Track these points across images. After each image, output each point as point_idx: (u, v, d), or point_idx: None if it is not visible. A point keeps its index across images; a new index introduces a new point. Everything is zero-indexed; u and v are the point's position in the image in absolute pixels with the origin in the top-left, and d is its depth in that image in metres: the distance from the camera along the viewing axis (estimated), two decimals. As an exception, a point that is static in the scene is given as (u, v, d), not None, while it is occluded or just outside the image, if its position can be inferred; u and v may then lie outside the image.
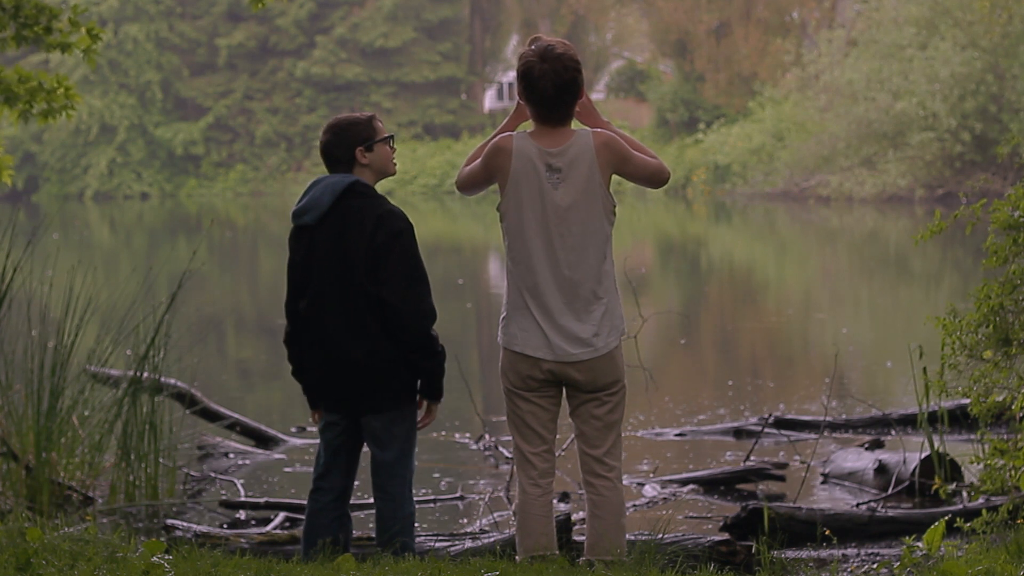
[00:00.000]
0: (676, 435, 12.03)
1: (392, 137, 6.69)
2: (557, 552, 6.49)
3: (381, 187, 6.79)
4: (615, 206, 6.45)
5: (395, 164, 6.73)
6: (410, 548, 6.57)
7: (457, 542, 7.62)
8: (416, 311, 6.44)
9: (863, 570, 7.38)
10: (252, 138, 65.42)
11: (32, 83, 10.00)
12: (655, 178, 6.51)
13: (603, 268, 6.40)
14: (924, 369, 9.43)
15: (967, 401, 7.82)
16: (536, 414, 6.48)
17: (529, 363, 6.41)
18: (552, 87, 6.37)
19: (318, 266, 6.54)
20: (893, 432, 11.39)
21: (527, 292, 6.41)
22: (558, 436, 6.65)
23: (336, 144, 6.61)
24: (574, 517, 7.99)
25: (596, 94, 64.49)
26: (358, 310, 6.46)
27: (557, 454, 10.39)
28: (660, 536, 7.33)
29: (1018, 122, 43.33)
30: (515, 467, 6.60)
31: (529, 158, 6.37)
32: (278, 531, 8.32)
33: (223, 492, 10.36)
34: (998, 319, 7.34)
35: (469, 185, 6.56)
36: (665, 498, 9.87)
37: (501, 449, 11.19)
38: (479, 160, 6.48)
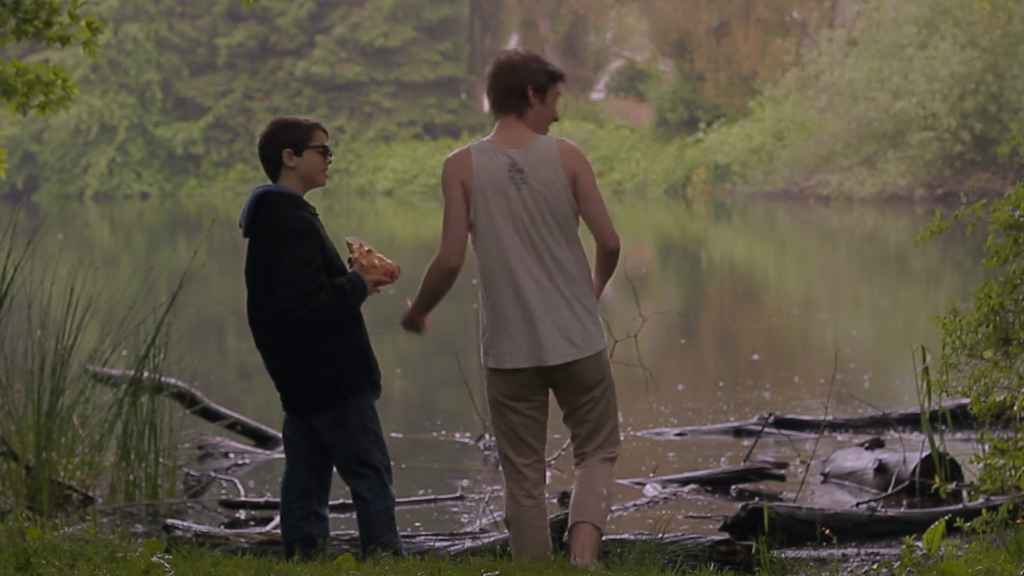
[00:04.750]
0: (676, 435, 12.03)
1: (326, 148, 6.65)
2: (552, 556, 6.49)
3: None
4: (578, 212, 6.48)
5: (326, 175, 6.65)
6: (391, 544, 6.55)
7: (457, 542, 7.62)
8: (288, 311, 6.42)
9: (863, 570, 7.38)
10: (252, 138, 65.35)
11: (29, 76, 10.01)
12: (605, 226, 6.43)
13: (579, 267, 6.45)
14: (926, 368, 9.43)
15: (968, 400, 7.82)
16: (527, 426, 6.46)
17: (517, 373, 6.42)
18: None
19: (247, 277, 6.63)
20: (893, 432, 11.39)
21: (509, 301, 6.40)
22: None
23: (268, 140, 6.62)
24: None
25: (596, 94, 64.51)
26: (275, 320, 6.50)
27: (558, 453, 10.41)
28: (660, 536, 7.33)
29: (1018, 122, 43.32)
30: (504, 477, 6.58)
31: (488, 162, 6.44)
32: (278, 531, 8.31)
33: (223, 492, 10.36)
34: (998, 319, 7.34)
35: (454, 240, 6.47)
36: (665, 498, 9.87)
37: (501, 449, 11.18)
38: (445, 203, 6.47)
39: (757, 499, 9.34)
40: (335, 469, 6.68)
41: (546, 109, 6.61)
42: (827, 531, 8.27)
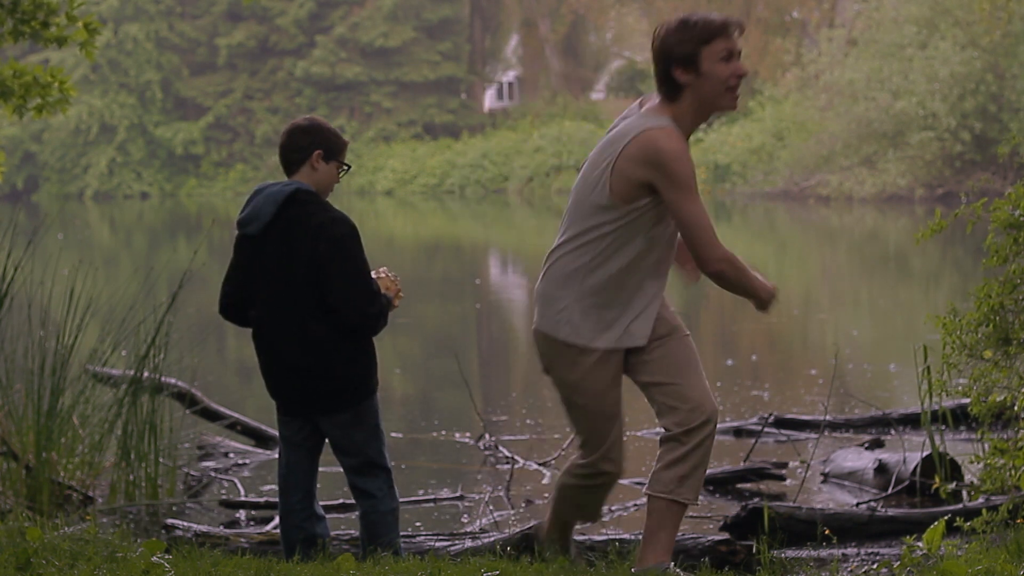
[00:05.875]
0: (676, 435, 12.00)
1: (348, 167, 6.66)
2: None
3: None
4: (608, 206, 5.91)
5: (330, 191, 6.62)
6: (394, 545, 6.54)
7: (457, 542, 7.62)
8: (366, 314, 6.41)
9: (863, 570, 7.37)
10: (252, 138, 65.42)
11: (27, 78, 10.00)
12: (697, 252, 5.91)
13: (563, 260, 6.08)
14: (928, 368, 9.42)
15: (968, 400, 7.82)
16: None
17: None
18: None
19: (264, 276, 6.53)
20: (893, 431, 11.39)
21: None
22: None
23: (305, 133, 6.55)
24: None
25: (596, 94, 64.49)
26: (303, 318, 6.44)
27: (558, 454, 10.40)
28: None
29: (1018, 122, 43.33)
30: None
31: None
32: (278, 531, 8.31)
33: (223, 492, 10.36)
34: (998, 318, 7.34)
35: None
36: (665, 498, 9.84)
37: (501, 449, 11.18)
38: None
39: (757, 499, 9.33)
40: (338, 469, 6.69)
41: (704, 81, 5.78)
42: (827, 531, 8.27)
